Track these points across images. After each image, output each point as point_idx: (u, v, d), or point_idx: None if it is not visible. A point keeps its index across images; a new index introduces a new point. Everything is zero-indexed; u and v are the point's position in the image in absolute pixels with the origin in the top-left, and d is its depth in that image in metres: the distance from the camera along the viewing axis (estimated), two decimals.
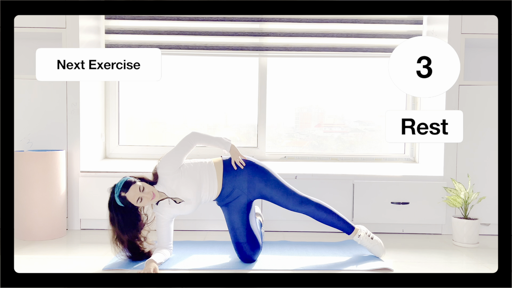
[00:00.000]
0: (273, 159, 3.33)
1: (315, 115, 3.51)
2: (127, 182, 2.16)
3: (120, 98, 3.37)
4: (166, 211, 2.26)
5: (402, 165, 3.27)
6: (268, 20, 3.19)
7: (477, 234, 2.69)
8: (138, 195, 2.13)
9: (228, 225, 2.35)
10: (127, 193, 2.13)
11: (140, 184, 2.15)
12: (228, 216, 2.34)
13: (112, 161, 3.26)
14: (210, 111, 3.44)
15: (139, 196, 2.14)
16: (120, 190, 2.14)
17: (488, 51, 3.19)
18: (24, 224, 2.69)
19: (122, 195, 2.14)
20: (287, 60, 3.38)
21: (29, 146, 2.90)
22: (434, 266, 2.31)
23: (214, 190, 2.31)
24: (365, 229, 2.40)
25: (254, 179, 2.33)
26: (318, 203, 2.36)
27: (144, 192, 2.14)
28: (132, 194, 2.13)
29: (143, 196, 2.14)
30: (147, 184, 2.19)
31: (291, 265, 2.27)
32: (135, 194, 2.13)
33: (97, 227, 2.96)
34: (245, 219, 2.32)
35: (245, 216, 2.32)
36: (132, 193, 2.13)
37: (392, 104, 3.42)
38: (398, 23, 3.19)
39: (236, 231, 2.31)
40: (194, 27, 3.18)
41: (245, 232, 2.29)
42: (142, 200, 2.15)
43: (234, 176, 2.32)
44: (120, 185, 2.15)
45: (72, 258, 2.37)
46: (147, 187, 2.16)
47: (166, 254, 2.25)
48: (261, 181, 2.34)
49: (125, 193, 2.13)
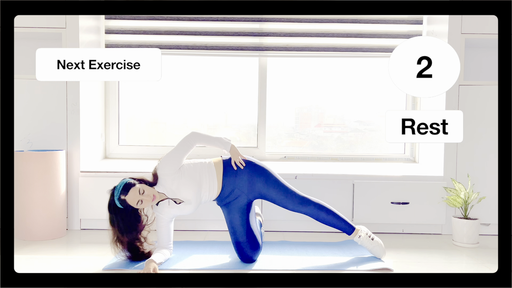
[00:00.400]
0: (273, 159, 3.33)
1: (315, 115, 3.51)
2: (127, 184, 2.14)
3: (120, 98, 3.37)
4: (166, 212, 2.25)
5: (402, 165, 3.27)
6: (268, 20, 3.19)
7: (477, 234, 2.69)
8: (138, 198, 2.13)
9: (228, 225, 2.35)
10: (127, 196, 2.12)
11: (140, 187, 2.14)
12: (228, 216, 2.34)
13: (112, 161, 3.26)
14: (210, 111, 3.44)
15: (139, 199, 2.13)
16: (120, 193, 2.12)
17: (488, 51, 3.19)
18: (24, 224, 2.69)
19: (122, 198, 2.12)
20: (287, 60, 3.38)
21: (29, 146, 2.90)
22: (434, 266, 2.31)
23: (214, 190, 2.30)
24: (366, 229, 2.40)
25: (254, 179, 2.33)
26: (318, 203, 2.35)
27: (144, 195, 2.13)
28: (132, 197, 2.12)
29: (143, 198, 2.13)
30: (147, 186, 2.18)
31: (291, 265, 2.27)
32: (135, 197, 2.12)
33: (97, 227, 2.96)
34: (245, 219, 2.32)
35: (245, 216, 2.32)
36: (131, 196, 2.12)
37: (392, 104, 3.42)
38: (398, 23, 3.19)
39: (236, 231, 2.31)
40: (194, 27, 3.18)
41: (245, 232, 2.29)
42: (142, 203, 2.14)
43: (234, 176, 2.32)
44: (120, 188, 2.13)
45: (72, 258, 2.37)
46: (147, 190, 2.15)
47: (166, 254, 2.25)
48: (261, 181, 2.33)
49: (125, 196, 2.12)
